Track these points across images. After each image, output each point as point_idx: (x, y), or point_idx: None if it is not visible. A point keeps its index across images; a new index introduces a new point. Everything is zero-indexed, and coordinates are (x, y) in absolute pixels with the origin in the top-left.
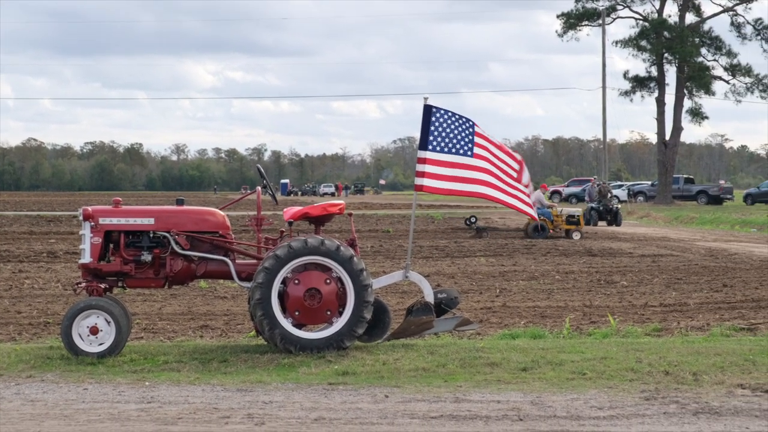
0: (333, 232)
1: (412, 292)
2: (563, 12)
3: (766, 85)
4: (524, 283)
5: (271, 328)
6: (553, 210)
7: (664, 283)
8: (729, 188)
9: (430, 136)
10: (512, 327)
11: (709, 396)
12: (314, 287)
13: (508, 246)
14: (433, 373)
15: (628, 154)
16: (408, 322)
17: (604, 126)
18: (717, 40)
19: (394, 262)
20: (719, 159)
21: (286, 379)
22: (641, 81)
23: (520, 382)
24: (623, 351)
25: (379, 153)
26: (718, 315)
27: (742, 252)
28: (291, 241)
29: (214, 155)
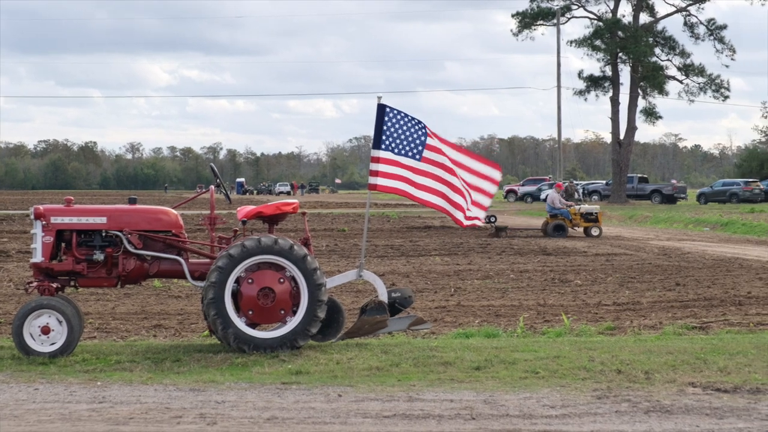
0: (287, 231)
1: (367, 291)
2: (518, 11)
3: (719, 85)
4: (479, 282)
5: (224, 328)
6: (571, 209)
7: (617, 282)
8: (683, 187)
9: (383, 136)
10: (466, 326)
11: (660, 394)
12: (268, 286)
13: (464, 245)
14: (386, 373)
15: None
16: (362, 321)
17: (558, 125)
18: (670, 40)
19: (349, 261)
20: (673, 158)
21: (239, 379)
22: (596, 80)
23: (473, 381)
24: (576, 350)
25: (335, 152)
26: (671, 314)
27: (695, 251)
28: (244, 240)
29: (169, 154)
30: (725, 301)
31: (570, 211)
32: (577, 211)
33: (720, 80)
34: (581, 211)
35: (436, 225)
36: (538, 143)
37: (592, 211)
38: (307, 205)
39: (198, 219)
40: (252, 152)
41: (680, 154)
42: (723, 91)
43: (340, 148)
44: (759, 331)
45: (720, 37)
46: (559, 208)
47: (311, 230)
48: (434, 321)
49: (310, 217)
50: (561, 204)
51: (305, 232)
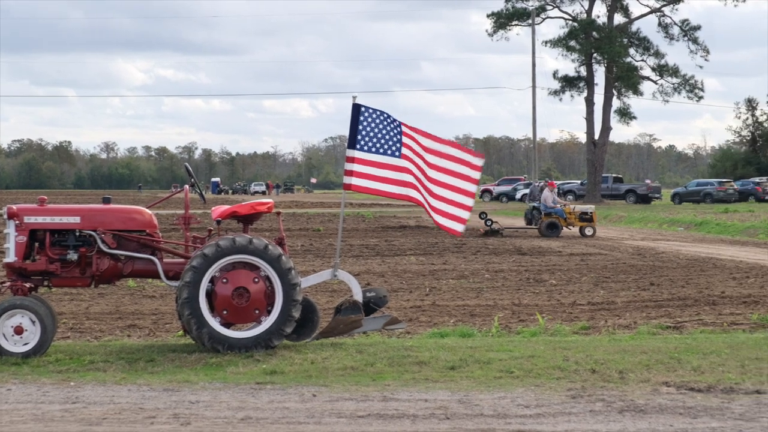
0: (262, 230)
1: (342, 291)
2: (493, 12)
3: (693, 85)
4: (454, 281)
5: (198, 328)
6: (566, 208)
7: (592, 281)
8: (657, 187)
9: (358, 135)
10: (441, 326)
11: (634, 394)
12: (242, 286)
13: (439, 245)
14: (361, 372)
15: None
16: (336, 320)
17: (534, 125)
18: (645, 40)
19: (324, 261)
20: (648, 158)
21: (213, 379)
22: (570, 81)
23: (448, 381)
24: (551, 349)
25: (310, 151)
26: (645, 313)
27: (669, 251)
28: (219, 240)
29: (144, 153)
30: (699, 301)
31: (565, 210)
32: (572, 211)
33: (694, 81)
34: (576, 210)
35: (411, 225)
36: (513, 143)
37: (587, 211)
38: (282, 205)
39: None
40: (227, 152)
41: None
42: (697, 91)
43: (316, 148)
44: (732, 331)
45: (694, 37)
46: (553, 207)
47: (286, 230)
48: (409, 321)
49: (286, 216)
50: (555, 203)
51: (280, 231)
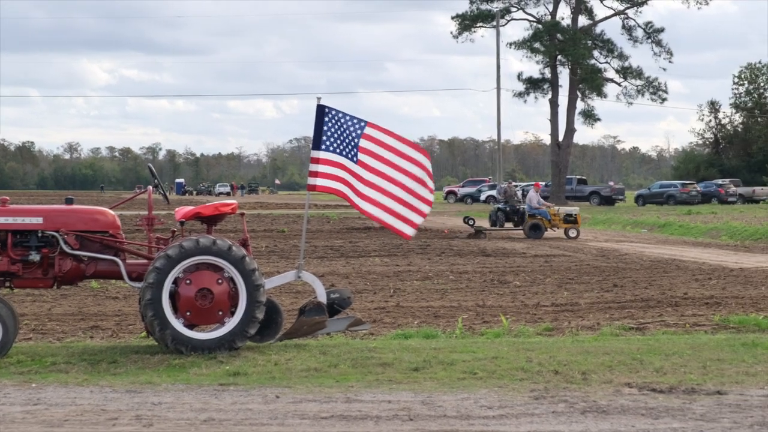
0: (226, 232)
1: (306, 292)
2: (458, 14)
3: (657, 87)
4: (418, 283)
5: (161, 329)
6: (550, 209)
7: (556, 283)
8: (621, 189)
9: (323, 136)
10: (405, 327)
11: (597, 395)
12: (206, 287)
13: (403, 246)
14: (324, 374)
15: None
16: (300, 322)
17: (498, 127)
18: (609, 42)
19: (288, 262)
20: (611, 160)
21: (176, 380)
22: (535, 82)
23: (411, 382)
24: (514, 350)
25: (275, 152)
26: (608, 315)
27: (632, 252)
28: (182, 241)
29: (107, 154)
30: (662, 302)
31: (549, 211)
32: (557, 212)
33: (658, 83)
34: (561, 212)
35: (375, 226)
36: (478, 144)
37: (571, 213)
38: (247, 206)
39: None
40: (192, 152)
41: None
42: (661, 93)
43: (281, 149)
44: (694, 332)
45: (657, 40)
46: (537, 208)
47: (250, 231)
48: (373, 322)
49: (250, 217)
50: (539, 204)
51: (244, 232)
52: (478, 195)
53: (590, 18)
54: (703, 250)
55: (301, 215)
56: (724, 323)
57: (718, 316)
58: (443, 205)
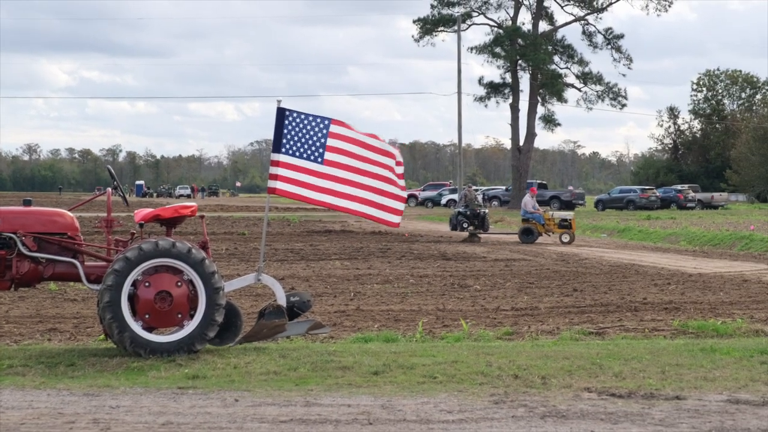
0: (186, 234)
1: (266, 295)
2: (419, 18)
3: (617, 93)
4: (379, 286)
5: (120, 332)
6: (545, 214)
7: (516, 287)
8: (581, 194)
9: (283, 139)
10: (365, 331)
11: (556, 399)
12: (165, 290)
13: (364, 249)
14: (284, 377)
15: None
16: (260, 325)
17: (459, 131)
18: (569, 48)
19: (248, 265)
20: (572, 165)
21: (134, 383)
22: (496, 87)
23: (371, 386)
24: (474, 355)
25: (236, 155)
26: (568, 319)
27: (592, 257)
28: (141, 243)
29: (67, 156)
30: (621, 307)
31: (544, 216)
32: (551, 217)
33: (617, 89)
34: (555, 217)
35: (336, 229)
36: (439, 149)
37: (566, 218)
38: (207, 209)
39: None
40: (152, 155)
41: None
42: (620, 99)
43: (242, 152)
44: (653, 337)
45: (617, 46)
46: (532, 213)
47: (211, 233)
48: (333, 325)
49: (210, 220)
50: (534, 209)
51: (204, 235)
52: (438, 199)
53: (551, 23)
54: (662, 256)
55: (262, 218)
56: (682, 328)
57: (676, 322)
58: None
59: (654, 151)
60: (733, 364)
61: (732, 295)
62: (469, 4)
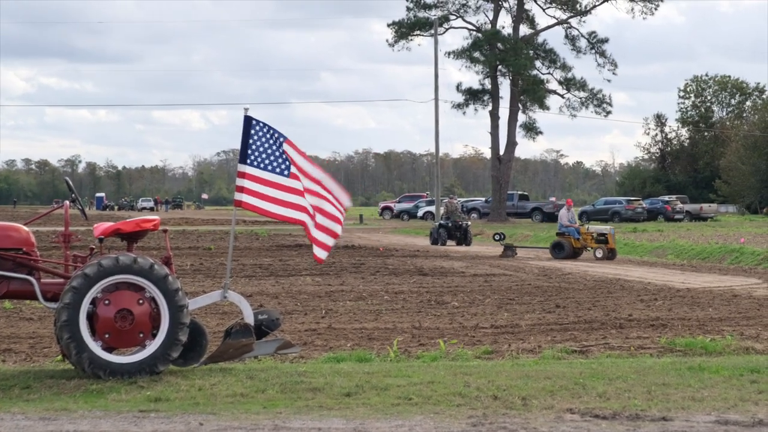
0: (148, 249)
1: (233, 313)
2: (394, 21)
3: (601, 100)
4: (351, 303)
5: (78, 352)
6: (582, 228)
7: (495, 303)
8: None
9: (248, 150)
10: (337, 350)
11: (537, 421)
12: (126, 308)
13: (336, 264)
14: (251, 399)
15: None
16: (226, 344)
17: (436, 140)
18: (551, 53)
19: (215, 281)
20: (554, 175)
21: (93, 406)
22: (474, 94)
23: (343, 408)
24: (451, 375)
25: (201, 166)
26: (550, 337)
27: (575, 272)
28: (101, 259)
29: (23, 167)
30: (606, 324)
31: (581, 230)
32: (587, 231)
33: (602, 95)
34: (591, 231)
35: (307, 243)
36: (415, 158)
37: (604, 232)
38: (171, 222)
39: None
40: (113, 165)
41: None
42: (605, 106)
43: (207, 162)
44: (639, 355)
45: (601, 50)
46: (567, 226)
47: (175, 248)
48: (303, 344)
49: (174, 234)
50: (570, 222)
51: (167, 250)
52: (415, 211)
53: (532, 27)
54: (648, 270)
55: (228, 232)
56: (670, 346)
57: (663, 339)
58: (379, 222)
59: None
60: (722, 384)
61: (721, 311)
62: (447, 7)
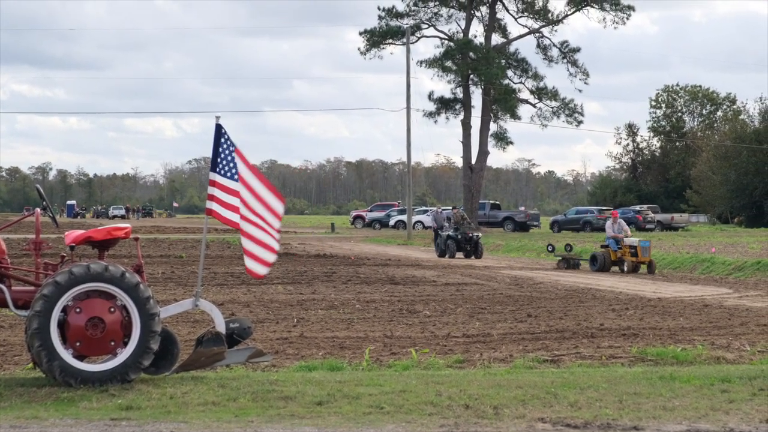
0: (120, 257)
1: (204, 322)
2: (366, 29)
3: (573, 109)
4: (323, 312)
5: (49, 360)
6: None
7: (467, 312)
8: (536, 215)
9: (218, 158)
10: (309, 359)
11: (509, 430)
12: (97, 316)
13: (308, 273)
14: (223, 408)
15: (434, 178)
16: (198, 353)
17: (408, 148)
18: (523, 62)
19: (186, 290)
20: (526, 185)
21: (64, 415)
22: (446, 102)
23: (315, 417)
24: (423, 384)
25: (173, 174)
26: (522, 346)
27: (547, 281)
28: (72, 267)
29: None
30: (577, 333)
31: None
32: (625, 243)
33: (573, 104)
34: (628, 244)
35: (280, 252)
36: (387, 167)
37: (634, 244)
38: (143, 230)
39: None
40: (84, 173)
41: (534, 180)
42: (576, 115)
43: (179, 170)
44: (611, 365)
45: (573, 60)
46: (611, 238)
47: (146, 256)
48: (275, 353)
49: (146, 242)
50: (616, 232)
51: (138, 258)
52: (387, 220)
53: (504, 36)
54: (620, 279)
55: (200, 240)
56: (641, 355)
57: (635, 348)
58: (350, 231)
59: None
60: (693, 393)
61: (692, 320)
62: (419, 16)
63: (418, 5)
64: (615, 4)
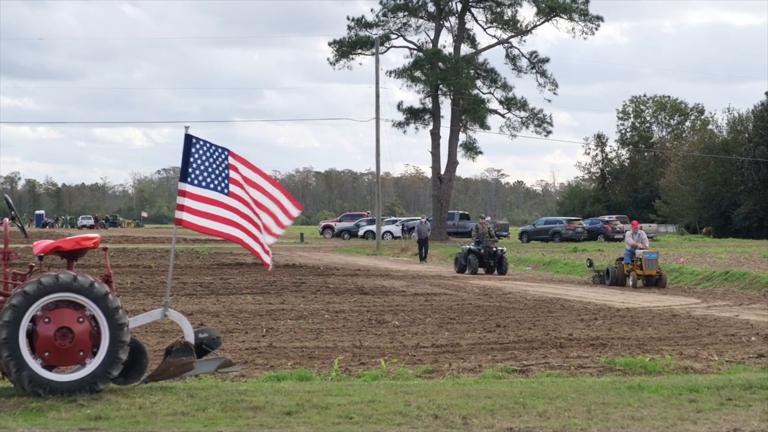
0: (89, 267)
1: (173, 332)
2: (335, 39)
3: (542, 119)
4: (292, 322)
5: (18, 370)
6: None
7: (436, 323)
8: (504, 225)
9: (189, 168)
10: (278, 369)
11: None
12: (66, 326)
13: (277, 283)
14: (192, 418)
15: (403, 188)
16: (167, 363)
17: (377, 158)
18: (492, 72)
19: (155, 300)
20: (495, 195)
21: (33, 425)
22: (415, 113)
23: (284, 427)
24: (392, 394)
25: (142, 183)
26: (491, 356)
27: (516, 291)
28: (41, 277)
29: None
30: (546, 343)
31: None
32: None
33: (543, 115)
34: (639, 256)
35: (248, 262)
36: (356, 177)
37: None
38: (111, 240)
39: None
40: (53, 182)
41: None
42: (546, 126)
43: (148, 180)
44: (579, 375)
45: (542, 70)
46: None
47: (115, 266)
48: (244, 363)
49: (115, 252)
50: (637, 240)
51: (107, 268)
52: (356, 230)
53: (473, 46)
54: (588, 290)
55: (169, 250)
56: (609, 365)
57: (603, 358)
58: (319, 241)
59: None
60: (662, 403)
61: (661, 330)
62: (388, 26)
63: (388, 15)
64: (584, 15)
